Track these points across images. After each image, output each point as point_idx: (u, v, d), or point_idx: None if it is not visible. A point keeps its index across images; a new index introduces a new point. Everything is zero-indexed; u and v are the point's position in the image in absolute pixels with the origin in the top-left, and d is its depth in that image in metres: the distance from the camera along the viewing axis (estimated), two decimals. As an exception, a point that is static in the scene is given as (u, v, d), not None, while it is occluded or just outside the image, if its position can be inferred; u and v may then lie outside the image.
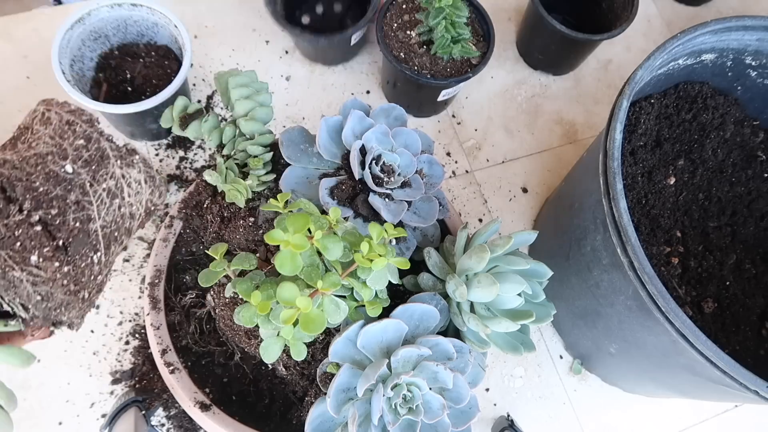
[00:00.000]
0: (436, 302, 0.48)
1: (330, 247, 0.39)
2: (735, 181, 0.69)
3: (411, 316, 0.45)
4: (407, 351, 0.42)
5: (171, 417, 0.67)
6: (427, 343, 0.43)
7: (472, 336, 0.47)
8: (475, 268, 0.45)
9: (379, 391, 0.41)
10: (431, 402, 0.42)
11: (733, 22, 0.60)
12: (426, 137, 0.54)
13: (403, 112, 0.53)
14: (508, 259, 0.46)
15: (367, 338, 0.43)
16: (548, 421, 0.75)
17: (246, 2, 0.90)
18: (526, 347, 0.48)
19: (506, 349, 0.47)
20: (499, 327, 0.44)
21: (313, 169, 0.51)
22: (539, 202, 0.86)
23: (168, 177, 0.78)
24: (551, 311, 0.47)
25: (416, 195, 0.50)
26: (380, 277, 0.43)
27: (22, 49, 0.80)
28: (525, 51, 0.95)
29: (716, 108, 0.69)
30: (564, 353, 0.79)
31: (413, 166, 0.51)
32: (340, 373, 0.42)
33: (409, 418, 0.42)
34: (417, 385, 0.42)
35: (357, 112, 0.50)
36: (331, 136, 0.50)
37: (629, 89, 0.54)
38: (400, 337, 0.44)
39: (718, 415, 0.80)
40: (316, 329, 0.37)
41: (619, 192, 0.50)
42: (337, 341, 0.43)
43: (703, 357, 0.46)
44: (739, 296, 0.64)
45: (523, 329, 0.48)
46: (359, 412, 0.41)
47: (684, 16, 1.06)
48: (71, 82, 0.67)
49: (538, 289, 0.47)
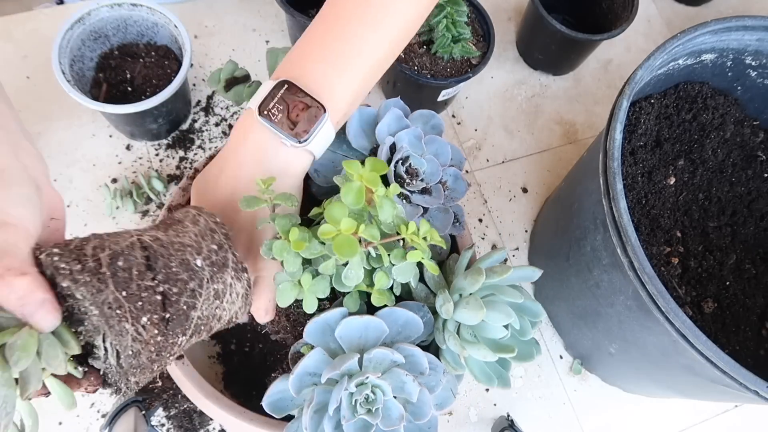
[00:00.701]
0: (423, 314, 0.47)
1: (385, 207, 0.40)
2: (735, 181, 0.69)
3: (395, 321, 0.44)
4: (381, 353, 0.42)
5: (171, 417, 0.67)
6: (403, 350, 0.43)
7: (449, 356, 0.46)
8: (468, 289, 0.45)
9: (343, 383, 0.40)
10: (391, 409, 0.42)
11: (733, 22, 0.60)
12: (458, 152, 0.55)
13: (442, 122, 0.54)
14: (504, 289, 0.45)
15: (347, 329, 0.43)
16: (548, 421, 0.75)
17: (246, 2, 0.90)
18: (502, 382, 0.47)
19: (480, 378, 0.46)
20: (477, 353, 0.43)
21: (341, 155, 0.51)
22: (539, 202, 0.86)
23: (168, 177, 0.78)
24: (535, 352, 0.46)
25: (434, 203, 0.50)
26: (407, 271, 0.43)
27: (22, 49, 0.80)
28: (525, 51, 0.95)
29: (716, 108, 0.69)
30: (564, 353, 0.79)
31: (438, 175, 0.51)
32: (310, 355, 0.42)
33: (365, 419, 0.41)
34: (382, 389, 0.41)
35: (396, 111, 0.50)
36: (362, 127, 0.51)
37: (629, 89, 0.54)
38: (379, 339, 0.44)
39: (718, 415, 0.80)
40: (346, 254, 0.37)
41: (619, 192, 0.50)
42: (315, 320, 0.43)
43: (703, 357, 0.46)
44: (739, 296, 0.64)
45: (502, 363, 0.47)
46: (317, 399, 0.41)
47: (684, 16, 1.06)
48: (71, 82, 0.67)
49: (528, 327, 0.46)
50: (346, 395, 0.41)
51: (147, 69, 0.76)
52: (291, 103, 0.42)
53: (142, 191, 0.75)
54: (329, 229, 0.38)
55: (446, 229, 0.50)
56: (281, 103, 0.42)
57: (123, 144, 0.78)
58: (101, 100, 0.73)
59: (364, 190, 0.38)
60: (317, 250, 0.40)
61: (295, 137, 0.42)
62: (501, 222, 0.84)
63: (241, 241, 0.44)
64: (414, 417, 0.43)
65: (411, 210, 0.49)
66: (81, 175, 0.76)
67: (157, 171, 0.77)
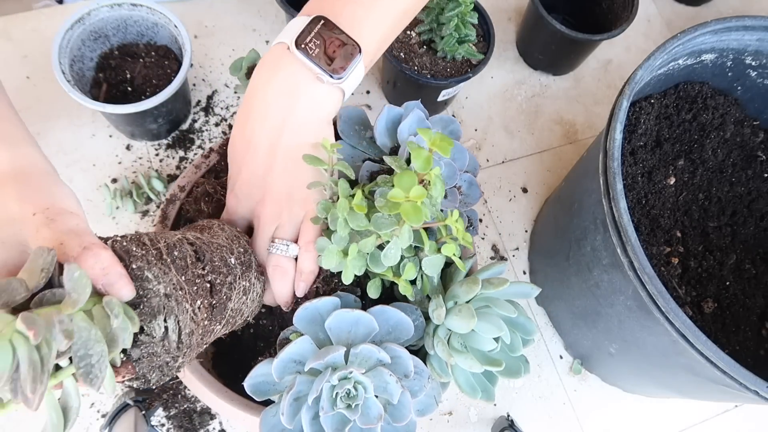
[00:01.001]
0: (416, 317, 0.47)
1: (438, 185, 0.42)
2: (735, 181, 0.69)
3: (387, 320, 0.44)
4: (368, 349, 0.41)
5: (171, 417, 0.67)
6: (390, 351, 0.42)
7: (436, 363, 0.46)
8: (462, 297, 0.45)
9: (326, 374, 0.40)
10: (371, 408, 0.41)
11: (733, 22, 0.60)
12: (473, 159, 0.55)
13: (460, 127, 0.54)
14: (500, 303, 0.45)
15: (337, 321, 0.43)
16: (548, 421, 0.75)
17: (246, 2, 0.90)
18: (486, 396, 0.46)
19: (465, 389, 0.46)
20: (464, 363, 0.43)
21: (361, 151, 0.52)
22: (539, 202, 0.86)
23: (168, 177, 0.78)
24: (523, 370, 0.46)
25: (449, 207, 0.50)
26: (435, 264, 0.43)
27: (22, 49, 0.80)
28: (525, 51, 0.95)
29: (716, 108, 0.69)
30: (564, 353, 0.79)
31: (454, 180, 0.51)
32: (297, 342, 0.42)
33: (343, 413, 0.41)
34: (364, 385, 0.41)
35: (418, 113, 0.51)
36: (388, 126, 0.51)
37: (629, 89, 0.54)
38: (368, 335, 0.43)
39: (718, 415, 0.80)
40: (414, 220, 0.38)
41: (619, 192, 0.50)
42: (306, 306, 0.43)
43: (703, 357, 0.46)
44: (739, 296, 0.64)
45: (489, 377, 0.47)
46: (298, 387, 0.40)
47: (684, 16, 1.06)
48: (71, 83, 0.67)
49: (519, 343, 0.46)
50: (328, 387, 0.40)
51: (147, 69, 0.76)
52: (327, 39, 0.42)
53: (142, 191, 0.75)
54: (399, 194, 0.38)
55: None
56: (318, 38, 0.42)
57: (123, 144, 0.78)
58: (101, 100, 0.73)
59: (432, 159, 0.40)
60: (363, 224, 0.41)
61: (332, 73, 0.42)
62: (501, 222, 0.84)
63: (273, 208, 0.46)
64: (393, 419, 0.42)
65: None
66: (81, 175, 0.76)
67: (157, 171, 0.77)
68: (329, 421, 0.41)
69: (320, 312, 0.43)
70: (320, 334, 0.44)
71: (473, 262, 0.51)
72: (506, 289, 0.45)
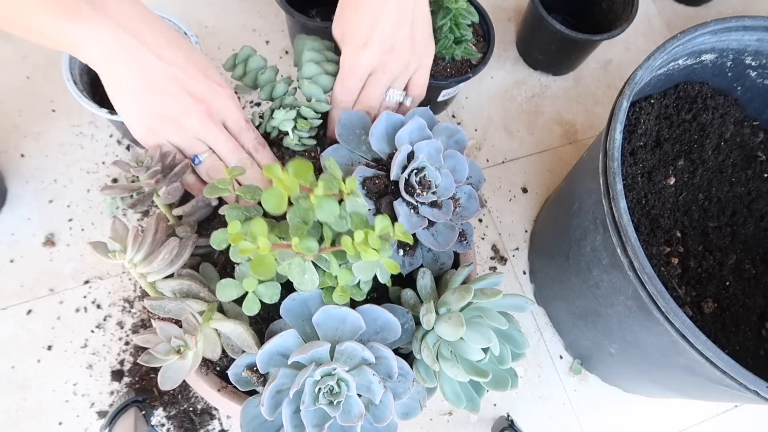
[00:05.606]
0: (406, 320, 0.47)
1: (324, 206, 0.37)
2: (735, 181, 0.69)
3: (375, 320, 0.44)
4: (354, 348, 0.41)
5: (171, 417, 0.67)
6: (376, 350, 0.42)
7: (422, 368, 0.46)
8: (454, 305, 0.45)
9: (309, 369, 0.40)
10: (352, 406, 0.41)
11: (733, 22, 0.60)
12: (479, 172, 0.54)
13: (466, 139, 0.53)
14: (492, 314, 0.45)
15: (324, 317, 0.42)
16: (548, 421, 0.75)
17: (246, 2, 0.90)
18: (471, 405, 0.46)
19: (449, 397, 0.46)
20: (450, 370, 0.43)
21: (359, 155, 0.51)
22: (539, 202, 0.86)
23: (168, 177, 0.78)
24: (510, 383, 0.45)
25: (441, 219, 0.49)
26: (367, 268, 0.41)
27: (22, 49, 0.80)
28: (525, 51, 0.95)
29: (716, 108, 0.69)
30: (564, 353, 0.79)
31: (451, 191, 0.50)
32: (284, 335, 0.41)
33: (324, 409, 0.40)
34: (347, 383, 0.41)
35: (419, 120, 0.50)
36: (387, 131, 0.51)
37: (629, 89, 0.54)
38: (356, 334, 0.43)
39: (718, 415, 0.80)
40: (263, 274, 0.36)
41: (619, 192, 0.50)
42: (294, 297, 0.42)
43: (703, 357, 0.46)
44: (739, 296, 0.64)
45: (475, 387, 0.46)
46: (281, 380, 0.40)
47: (684, 16, 1.06)
48: (81, 89, 0.66)
49: (508, 355, 0.45)
50: (311, 382, 0.40)
51: (147, 69, 0.76)
52: None
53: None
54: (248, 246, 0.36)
55: (448, 246, 0.50)
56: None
57: (123, 144, 0.78)
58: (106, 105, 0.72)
59: (286, 195, 0.36)
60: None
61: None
62: (501, 222, 0.84)
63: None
64: (374, 419, 0.42)
65: (417, 221, 0.48)
66: (81, 175, 0.76)
67: (157, 171, 0.77)
68: (310, 416, 0.40)
69: (308, 305, 0.43)
70: (307, 329, 0.43)
71: (470, 270, 0.51)
72: (499, 300, 0.45)
